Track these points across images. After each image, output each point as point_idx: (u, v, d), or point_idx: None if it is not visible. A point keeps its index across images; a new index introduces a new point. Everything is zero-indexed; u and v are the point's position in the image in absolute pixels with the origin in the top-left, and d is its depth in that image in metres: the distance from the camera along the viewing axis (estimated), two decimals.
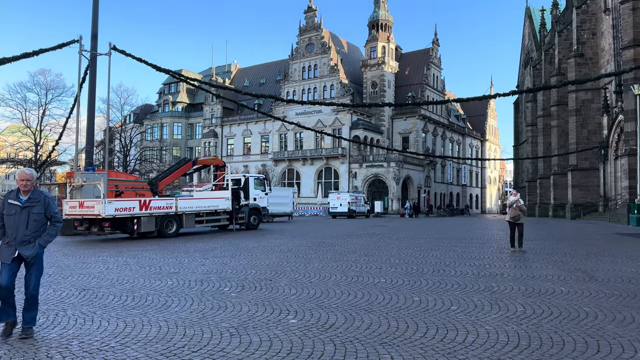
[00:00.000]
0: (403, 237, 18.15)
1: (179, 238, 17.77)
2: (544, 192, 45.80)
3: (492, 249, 13.79)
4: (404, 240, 16.41)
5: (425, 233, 20.58)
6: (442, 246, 14.44)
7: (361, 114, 61.41)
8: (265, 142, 68.16)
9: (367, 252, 12.61)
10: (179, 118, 78.89)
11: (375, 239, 17.20)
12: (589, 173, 35.98)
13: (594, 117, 36.35)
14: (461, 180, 75.47)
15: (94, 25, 21.60)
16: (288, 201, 32.18)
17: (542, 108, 46.38)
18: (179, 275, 9.03)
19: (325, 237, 18.06)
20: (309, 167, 62.04)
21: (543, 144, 45.92)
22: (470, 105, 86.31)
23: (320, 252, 12.83)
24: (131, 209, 16.93)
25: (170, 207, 18.22)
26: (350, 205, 37.73)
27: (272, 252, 12.90)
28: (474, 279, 8.42)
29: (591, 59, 36.39)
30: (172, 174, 19.72)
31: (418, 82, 65.55)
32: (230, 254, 12.46)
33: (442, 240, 16.54)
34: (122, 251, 13.38)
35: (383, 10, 65.73)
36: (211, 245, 14.95)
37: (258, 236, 18.49)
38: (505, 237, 18.01)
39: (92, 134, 21.69)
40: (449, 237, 18.32)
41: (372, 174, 56.92)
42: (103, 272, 9.45)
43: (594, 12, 36.78)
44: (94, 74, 21.51)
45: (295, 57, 65.15)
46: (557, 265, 10.17)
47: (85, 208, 16.67)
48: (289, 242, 15.67)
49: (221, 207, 20.40)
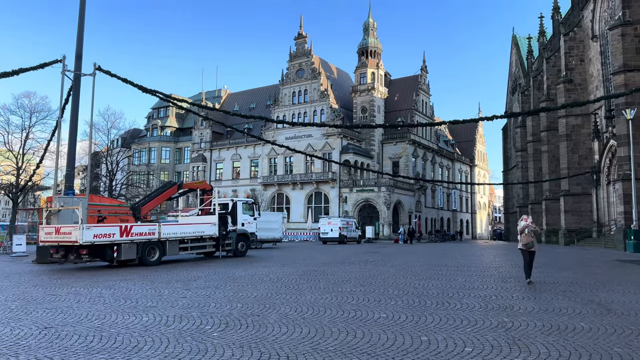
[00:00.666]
0: (398, 264, 17.34)
1: (161, 266, 16.78)
2: (536, 217, 45.28)
3: (494, 277, 13.05)
4: (400, 268, 15.61)
5: (420, 260, 19.79)
6: (441, 275, 13.67)
7: (351, 138, 61.21)
8: (254, 167, 67.43)
9: (362, 282, 11.79)
10: (167, 142, 78.08)
11: (369, 266, 16.37)
12: (581, 198, 35.71)
13: (584, 142, 36.32)
14: (451, 206, 75.13)
15: (79, 45, 20.99)
16: (277, 226, 31.22)
17: (531, 133, 46.46)
18: (157, 309, 8.14)
19: (316, 264, 17.19)
20: (299, 191, 61.28)
21: (534, 169, 45.81)
22: (459, 131, 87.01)
23: (313, 281, 11.98)
24: (111, 235, 15.96)
25: (153, 233, 17.27)
26: (342, 230, 36.84)
27: (260, 282, 12.02)
28: (483, 313, 7.65)
29: (580, 85, 36.59)
30: (156, 198, 18.82)
31: (407, 107, 65.77)
32: (214, 284, 11.56)
33: (440, 268, 15.77)
34: (98, 281, 12.40)
35: (372, 37, 66.44)
36: (195, 274, 14.02)
37: (245, 264, 17.56)
38: (505, 265, 17.35)
39: (73, 157, 20.80)
40: (446, 264, 17.56)
41: (362, 199, 56.27)
42: (72, 306, 8.52)
43: (582, 39, 37.21)
44: (77, 95, 20.78)
45: (285, 82, 65.19)
46: (567, 296, 9.45)
47: (61, 234, 15.68)
48: (278, 271, 14.79)
49: (207, 232, 19.49)
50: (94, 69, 20.42)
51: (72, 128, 20.78)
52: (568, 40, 37.28)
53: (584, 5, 36.85)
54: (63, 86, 20.07)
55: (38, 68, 19.36)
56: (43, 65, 19.47)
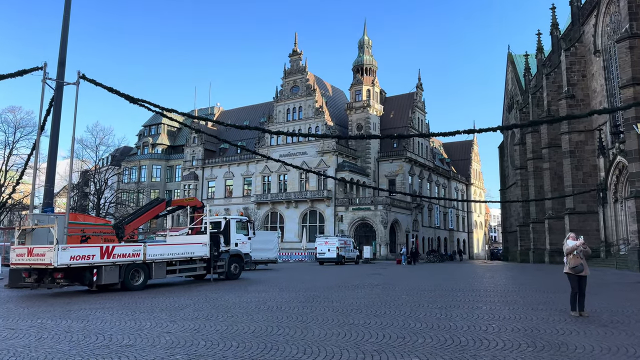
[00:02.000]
0: (408, 288, 15.83)
1: (146, 291, 15.15)
2: (538, 236, 44.16)
3: (520, 305, 11.59)
4: (412, 293, 14.10)
5: (430, 283, 18.29)
6: (460, 301, 12.19)
7: (347, 155, 60.07)
8: (247, 185, 65.91)
9: (375, 311, 10.28)
10: (158, 160, 76.48)
11: (377, 291, 14.85)
12: (586, 217, 34.53)
13: (588, 159, 35.34)
14: (448, 225, 73.85)
15: (62, 51, 19.68)
16: (272, 246, 29.56)
17: (532, 151, 45.54)
18: (133, 350, 6.60)
19: (318, 289, 15.64)
20: (293, 210, 59.72)
21: (534, 187, 44.74)
22: (454, 150, 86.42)
23: (318, 310, 10.45)
24: (90, 257, 14.36)
25: (138, 255, 15.67)
26: (339, 250, 35.18)
27: (257, 311, 10.48)
28: (536, 355, 6.19)
29: (582, 101, 35.79)
30: (142, 216, 17.27)
31: (403, 125, 64.86)
32: (205, 314, 10.01)
33: (455, 293, 14.29)
34: (71, 310, 10.80)
35: (367, 55, 65.91)
36: (183, 301, 12.44)
37: (240, 288, 15.97)
38: (525, 289, 15.84)
39: (53, 172, 19.26)
40: (460, 288, 16.08)
41: (358, 217, 54.81)
42: (30, 345, 6.95)
43: (583, 54, 36.57)
44: (59, 105, 19.37)
45: (279, 99, 64.24)
46: (620, 330, 8.02)
47: (34, 256, 14.06)
48: (277, 297, 13.24)
49: (197, 254, 17.91)
50: (78, 77, 18.96)
51: (53, 141, 19.29)
52: (569, 56, 36.61)
53: (584, 20, 36.33)
54: (43, 96, 18.60)
55: (16, 75, 17.86)
56: (22, 72, 17.99)
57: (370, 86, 64.08)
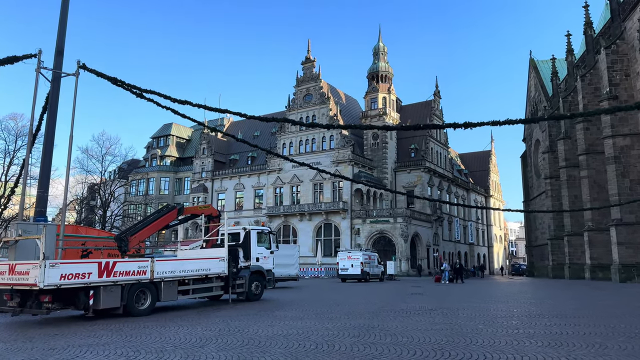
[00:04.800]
0: (476, 314, 12.92)
1: (153, 317, 12.40)
2: (574, 251, 40.95)
3: None
4: (488, 322, 11.20)
5: (498, 308, 15.33)
6: (565, 335, 9.28)
7: (362, 166, 57.35)
8: (258, 198, 63.25)
9: (462, 353, 7.43)
10: (166, 172, 74.21)
11: (439, 318, 11.96)
12: (635, 228, 31.43)
13: (635, 165, 32.38)
14: (468, 239, 70.58)
15: (60, 39, 17.23)
16: (293, 261, 26.65)
17: (564, 158, 42.57)
18: None
19: (363, 314, 12.79)
20: (307, 222, 56.87)
21: (568, 196, 41.64)
22: (472, 161, 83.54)
23: (387, 351, 7.61)
24: (85, 276, 11.66)
25: (144, 272, 12.96)
26: (364, 266, 32.12)
27: (304, 351, 7.68)
28: None
29: (627, 101, 32.90)
30: (150, 225, 14.56)
31: (421, 133, 62.23)
32: (233, 353, 7.22)
33: (540, 319, 11.37)
34: (55, 348, 8.07)
35: (383, 62, 63.63)
36: (201, 332, 9.65)
37: (267, 314, 13.16)
38: (628, 314, 12.72)
39: (47, 175, 16.64)
40: (542, 314, 13.15)
41: (376, 231, 51.84)
42: None
43: (625, 52, 33.85)
44: (56, 99, 16.84)
45: (292, 107, 61.90)
46: None
47: (16, 274, 11.40)
48: (318, 327, 10.41)
49: (214, 270, 15.15)
50: (78, 67, 16.59)
51: (48, 140, 16.68)
52: (610, 54, 33.90)
53: (626, 15, 33.69)
54: (37, 87, 16.11)
55: (5, 63, 15.47)
56: (13, 59, 15.58)
57: (386, 94, 61.63)
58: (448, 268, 35.10)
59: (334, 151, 56.71)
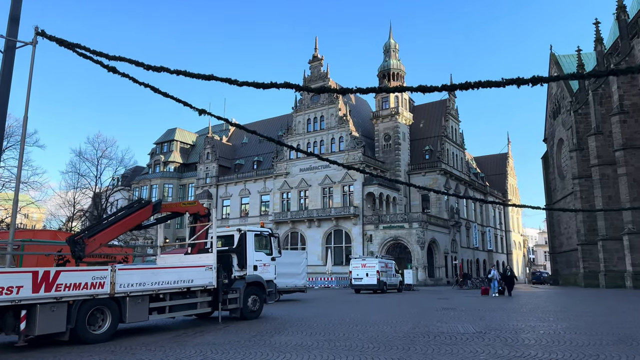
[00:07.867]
0: (554, 339, 9.56)
1: (111, 345, 9.20)
2: (609, 256, 37.19)
3: None
4: (579, 351, 7.86)
5: (562, 325, 11.95)
6: None
7: (374, 168, 53.99)
8: (265, 204, 60.10)
9: None
10: (170, 179, 71.50)
11: (504, 350, 8.60)
12: None
13: None
14: (486, 245, 66.75)
15: (15, 5, 14.33)
16: (300, 270, 23.28)
17: (596, 155, 38.93)
18: None
19: (391, 342, 9.47)
20: (316, 229, 53.55)
21: (602, 197, 37.94)
22: (488, 164, 79.89)
23: None
24: (12, 290, 8.51)
25: (101, 285, 9.79)
26: (380, 275, 28.59)
27: None
28: None
29: None
30: (115, 225, 11.40)
31: (436, 134, 58.92)
32: None
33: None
34: None
35: (394, 59, 60.46)
36: None
37: (262, 339, 9.89)
38: None
39: None
40: (633, 336, 9.76)
41: (390, 237, 48.37)
42: None
43: None
44: (10, 72, 13.90)
45: (299, 108, 58.93)
46: None
47: None
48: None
49: (198, 282, 11.95)
50: (35, 33, 13.66)
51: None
52: None
53: None
54: None
55: None
56: None
57: (399, 92, 58.38)
58: (497, 277, 28.45)
59: (344, 153, 53.51)
